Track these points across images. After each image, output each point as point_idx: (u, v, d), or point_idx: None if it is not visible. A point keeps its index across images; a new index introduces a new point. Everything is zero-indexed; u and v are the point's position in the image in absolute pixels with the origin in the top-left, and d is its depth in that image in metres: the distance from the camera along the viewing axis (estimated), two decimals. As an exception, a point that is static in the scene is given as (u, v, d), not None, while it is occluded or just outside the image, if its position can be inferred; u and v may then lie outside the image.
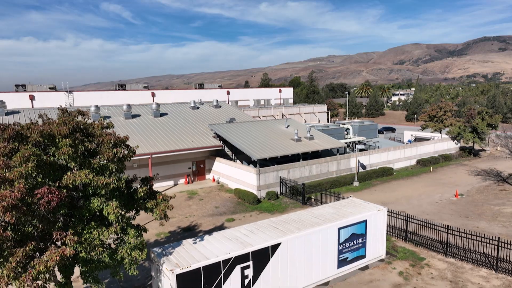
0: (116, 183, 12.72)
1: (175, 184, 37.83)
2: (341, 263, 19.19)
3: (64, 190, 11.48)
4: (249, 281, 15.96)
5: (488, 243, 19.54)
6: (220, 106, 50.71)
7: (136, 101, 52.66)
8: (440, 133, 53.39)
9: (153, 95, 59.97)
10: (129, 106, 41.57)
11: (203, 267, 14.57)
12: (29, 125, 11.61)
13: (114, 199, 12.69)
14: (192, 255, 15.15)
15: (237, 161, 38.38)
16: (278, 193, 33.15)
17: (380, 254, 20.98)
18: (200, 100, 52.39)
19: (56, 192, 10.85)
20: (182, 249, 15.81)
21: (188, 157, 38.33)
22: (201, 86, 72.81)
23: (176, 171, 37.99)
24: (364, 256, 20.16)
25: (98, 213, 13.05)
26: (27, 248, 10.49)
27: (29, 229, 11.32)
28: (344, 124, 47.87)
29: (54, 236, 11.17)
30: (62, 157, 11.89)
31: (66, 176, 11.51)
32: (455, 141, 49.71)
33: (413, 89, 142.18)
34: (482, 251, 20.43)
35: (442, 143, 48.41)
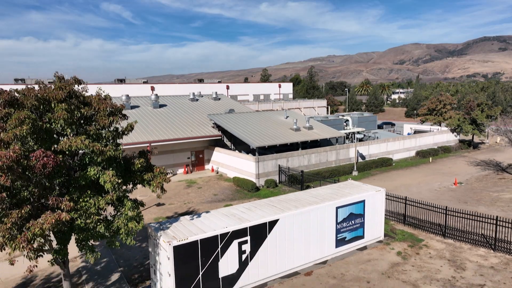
0: (113, 153, 12.69)
1: (174, 174, 37.78)
2: (339, 242, 19.15)
3: (60, 156, 11.44)
4: (247, 256, 15.91)
5: (487, 222, 19.51)
6: (219, 99, 50.68)
7: (135, 95, 52.56)
8: (440, 126, 53.36)
9: (153, 89, 59.91)
10: (128, 97, 41.55)
11: (200, 240, 14.52)
12: (25, 90, 11.58)
13: (110, 169, 12.66)
14: (189, 229, 15.11)
15: (236, 151, 38.32)
16: (277, 181, 33.10)
17: (378, 236, 20.93)
18: (199, 92, 52.38)
19: (52, 156, 10.81)
20: (179, 224, 15.78)
21: (187, 147, 38.31)
22: (200, 81, 72.70)
23: (175, 161, 37.96)
24: (362, 237, 20.11)
25: (94, 184, 13.02)
26: (22, 211, 10.45)
27: (25, 193, 11.28)
28: (343, 115, 47.85)
29: (50, 201, 11.14)
30: (58, 124, 11.87)
31: (61, 141, 11.48)
32: (455, 133, 49.66)
33: (413, 89, 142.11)
34: (480, 233, 20.39)
35: (441, 135, 48.36)
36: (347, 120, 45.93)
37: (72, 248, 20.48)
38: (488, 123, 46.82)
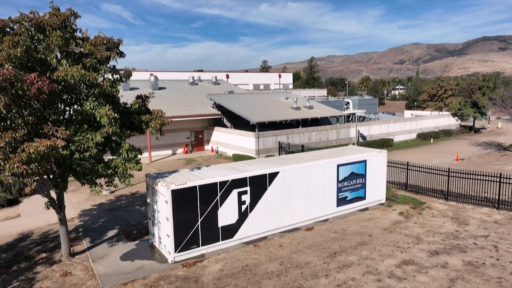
0: (110, 89, 12.46)
1: (174, 154, 37.56)
2: (340, 202, 18.88)
3: (56, 85, 11.15)
4: (247, 207, 15.63)
5: (490, 180, 19.26)
6: (219, 83, 50.47)
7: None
8: (441, 112, 53.11)
9: (152, 75, 59.64)
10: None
11: (199, 186, 14.25)
12: (19, 17, 11.32)
13: (107, 105, 12.42)
14: (188, 177, 14.86)
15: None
16: (277, 158, 32.81)
17: (380, 198, 20.67)
18: (199, 77, 52.15)
19: (47, 81, 10.56)
20: (178, 174, 15.54)
21: (186, 127, 38.07)
22: (200, 70, 72.53)
23: (175, 140, 37.71)
24: (363, 198, 19.84)
25: (91, 122, 12.78)
26: (17, 134, 10.18)
27: (19, 121, 11.03)
28: (344, 98, 47.62)
29: (46, 129, 10.87)
30: (53, 55, 11.64)
31: (57, 71, 11.23)
32: (456, 118, 49.43)
33: (414, 82, 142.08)
34: (483, 196, 20.11)
35: (442, 119, 48.13)
36: (348, 103, 45.70)
37: (70, 210, 20.26)
38: (490, 106, 46.50)
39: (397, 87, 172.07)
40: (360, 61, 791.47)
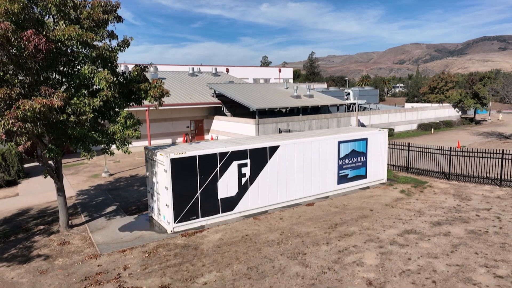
0: (108, 53, 12.30)
1: (173, 142, 37.37)
2: (341, 179, 18.71)
3: (53, 45, 10.99)
4: (247, 180, 15.47)
5: (492, 157, 19.11)
6: (219, 75, 50.35)
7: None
8: (442, 104, 52.95)
9: (151, 66, 59.48)
10: (127, 67, 41.10)
11: (198, 156, 14.09)
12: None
13: (106, 69, 12.25)
14: (187, 149, 14.71)
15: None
16: (278, 145, 32.67)
17: (381, 178, 20.51)
18: (199, 69, 52.00)
19: (44, 39, 10.40)
20: (177, 147, 15.41)
21: (186, 115, 37.92)
22: (200, 65, 72.40)
23: (175, 129, 37.57)
24: (364, 177, 19.68)
25: (89, 90, 12.64)
26: (12, 91, 10.02)
27: (16, 81, 10.86)
28: (344, 89, 47.47)
29: (42, 90, 10.71)
30: (50, 18, 11.49)
31: (54, 30, 11.07)
32: (456, 109, 49.26)
33: (414, 79, 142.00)
34: (485, 176, 19.96)
35: (443, 110, 47.96)
36: (348, 93, 45.54)
37: (68, 190, 20.09)
38: (490, 97, 46.33)
39: (397, 85, 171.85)
40: (360, 61, 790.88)
